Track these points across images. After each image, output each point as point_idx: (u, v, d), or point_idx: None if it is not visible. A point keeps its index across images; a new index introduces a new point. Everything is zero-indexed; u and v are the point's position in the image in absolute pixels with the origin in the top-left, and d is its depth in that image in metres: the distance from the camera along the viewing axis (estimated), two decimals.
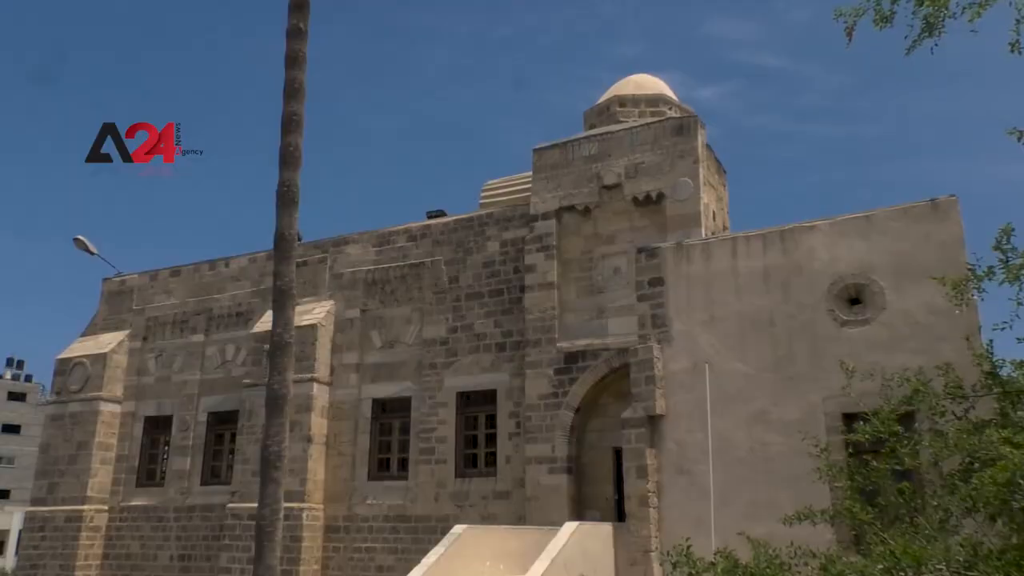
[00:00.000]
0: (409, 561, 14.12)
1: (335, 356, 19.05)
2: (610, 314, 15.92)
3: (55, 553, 20.11)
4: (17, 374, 76.80)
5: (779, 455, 12.77)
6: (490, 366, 17.31)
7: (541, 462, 15.57)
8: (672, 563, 8.64)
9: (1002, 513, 7.47)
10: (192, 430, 20.46)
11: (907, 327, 12.40)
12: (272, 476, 13.11)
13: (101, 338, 22.20)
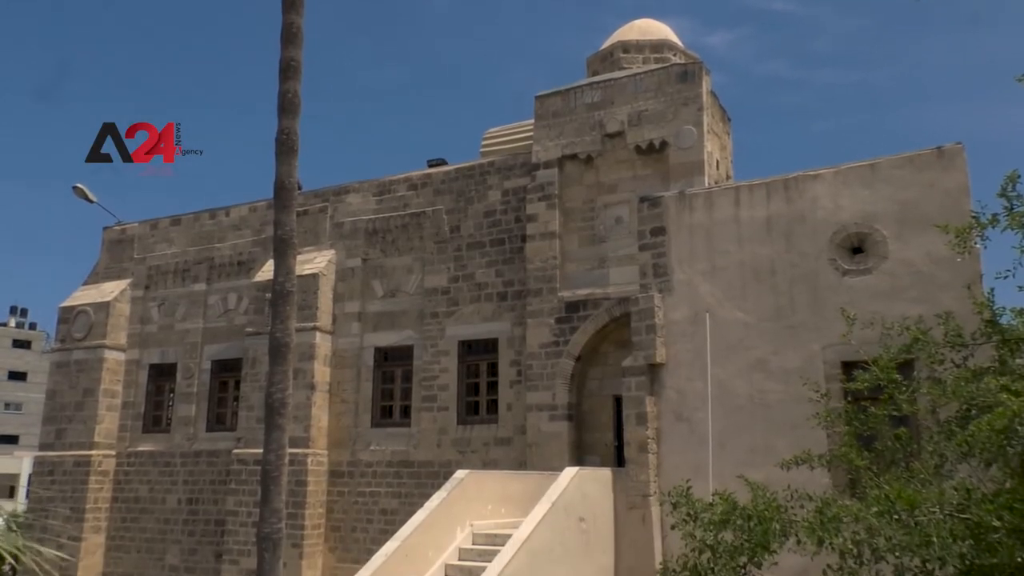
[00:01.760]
0: (412, 505, 14.36)
1: (337, 305, 19.13)
2: (611, 263, 15.93)
3: (65, 496, 20.48)
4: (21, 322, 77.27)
5: (777, 403, 12.91)
6: (491, 315, 17.39)
7: (542, 409, 15.74)
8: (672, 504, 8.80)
9: (997, 459, 7.59)
10: (196, 378, 20.66)
11: (908, 276, 12.41)
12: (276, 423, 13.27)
13: (103, 287, 22.27)
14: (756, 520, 8.18)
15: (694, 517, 8.62)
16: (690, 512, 8.63)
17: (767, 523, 8.10)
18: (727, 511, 8.42)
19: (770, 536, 8.03)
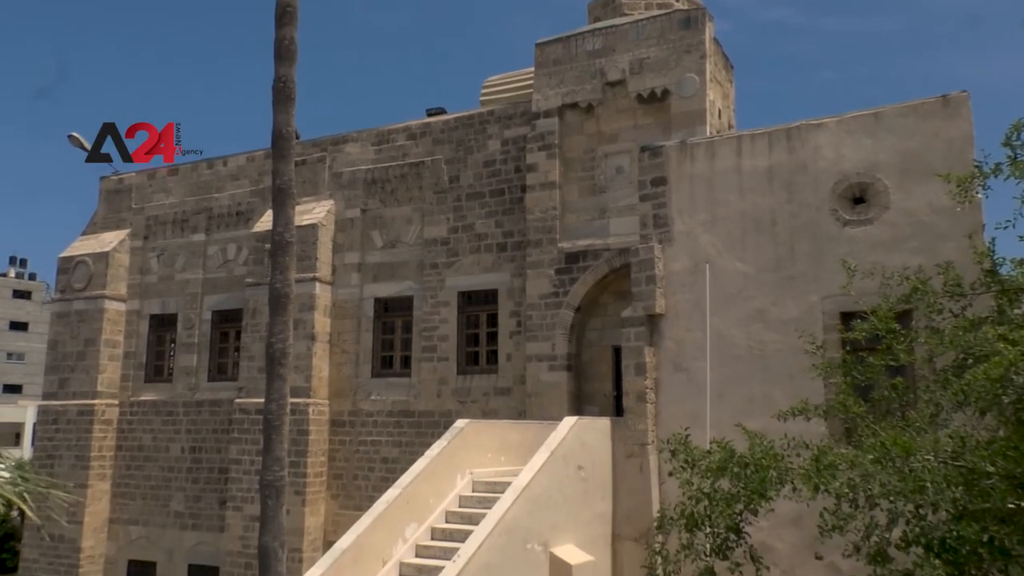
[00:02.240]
0: (413, 453, 14.53)
1: (336, 256, 19.10)
2: (612, 214, 15.85)
3: (70, 445, 20.72)
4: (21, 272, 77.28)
5: (776, 353, 12.98)
6: (491, 266, 17.37)
7: (541, 360, 15.82)
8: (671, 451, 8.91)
9: (991, 407, 7.65)
10: (197, 328, 20.73)
11: (909, 226, 12.38)
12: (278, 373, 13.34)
13: (102, 237, 22.21)
14: (753, 468, 8.29)
15: (692, 464, 8.73)
16: (688, 459, 8.74)
17: (764, 471, 8.21)
18: (725, 458, 8.53)
19: (767, 483, 8.14)
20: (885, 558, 7.97)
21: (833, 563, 11.19)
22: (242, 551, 17.78)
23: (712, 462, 8.62)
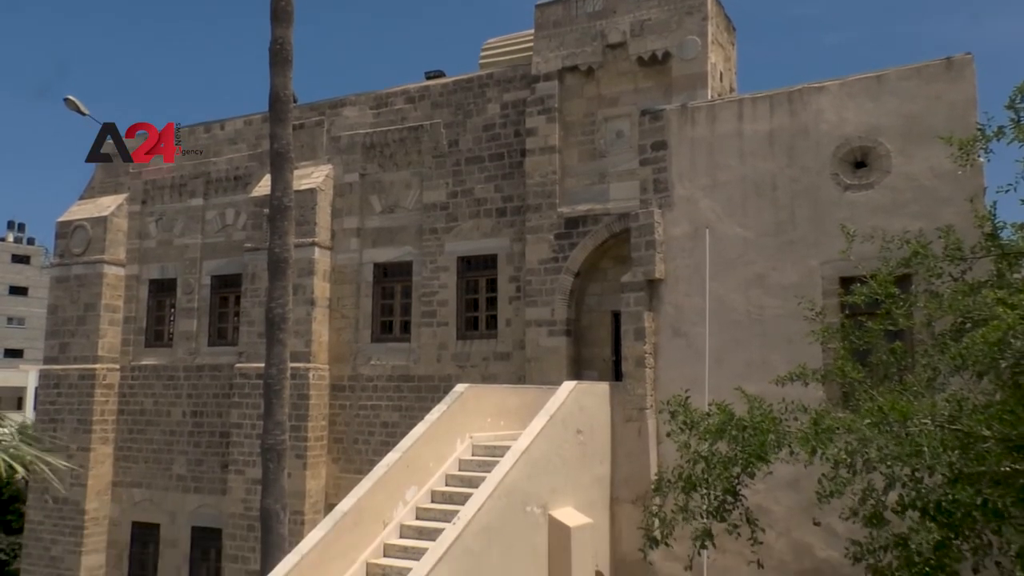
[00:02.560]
0: (413, 418, 14.62)
1: (335, 221, 19.04)
2: (612, 179, 15.77)
3: (72, 408, 20.85)
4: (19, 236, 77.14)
5: (775, 318, 12.99)
6: (490, 231, 17.32)
7: (541, 325, 15.85)
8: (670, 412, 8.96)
9: (989, 371, 7.68)
10: (196, 293, 20.74)
11: (910, 191, 12.32)
12: (278, 337, 13.42)
13: (100, 201, 22.12)
14: (752, 431, 8.34)
15: (690, 426, 8.78)
16: (686, 421, 8.79)
17: (763, 434, 8.26)
18: (724, 421, 8.58)
19: (766, 446, 8.20)
20: (881, 521, 8.06)
21: (829, 525, 11.30)
22: (244, 513, 17.98)
23: (711, 424, 8.67)
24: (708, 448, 8.67)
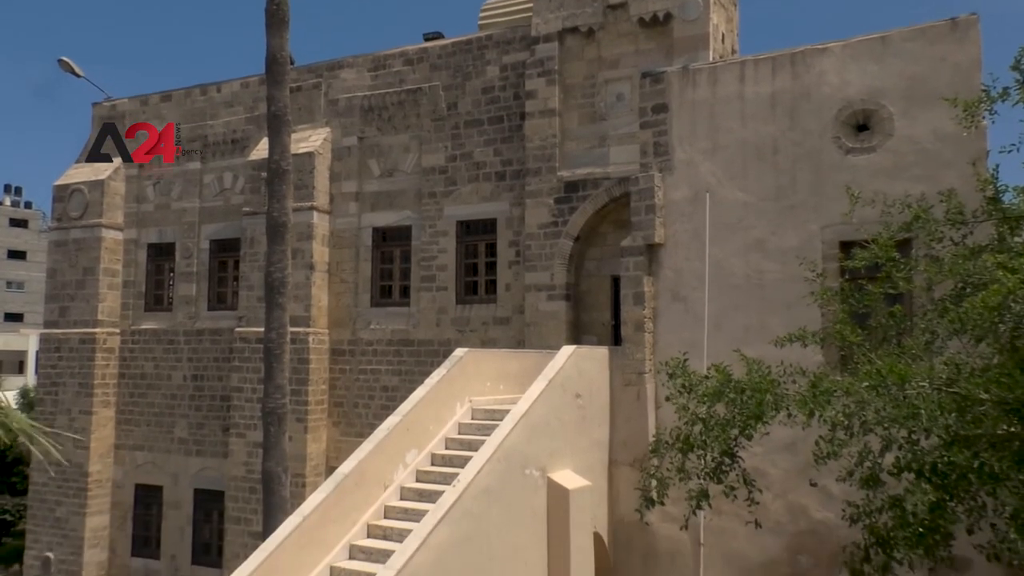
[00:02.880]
0: (413, 382, 14.68)
1: (334, 185, 18.94)
2: (612, 142, 15.65)
3: (73, 372, 20.93)
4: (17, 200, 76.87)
5: (774, 282, 12.99)
6: (490, 195, 17.23)
7: (540, 289, 15.85)
8: (668, 375, 8.99)
9: (988, 335, 7.69)
10: (195, 257, 20.70)
11: (913, 154, 12.24)
12: (277, 302, 13.42)
13: (96, 165, 21.94)
14: (750, 392, 8.38)
15: (689, 389, 8.82)
16: (685, 384, 8.83)
17: (761, 395, 8.30)
18: (722, 382, 8.62)
19: (764, 407, 8.24)
20: (877, 483, 8.13)
21: (825, 487, 11.43)
22: (246, 476, 18.14)
23: (709, 387, 8.71)
24: (706, 411, 8.72)
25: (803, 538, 12.29)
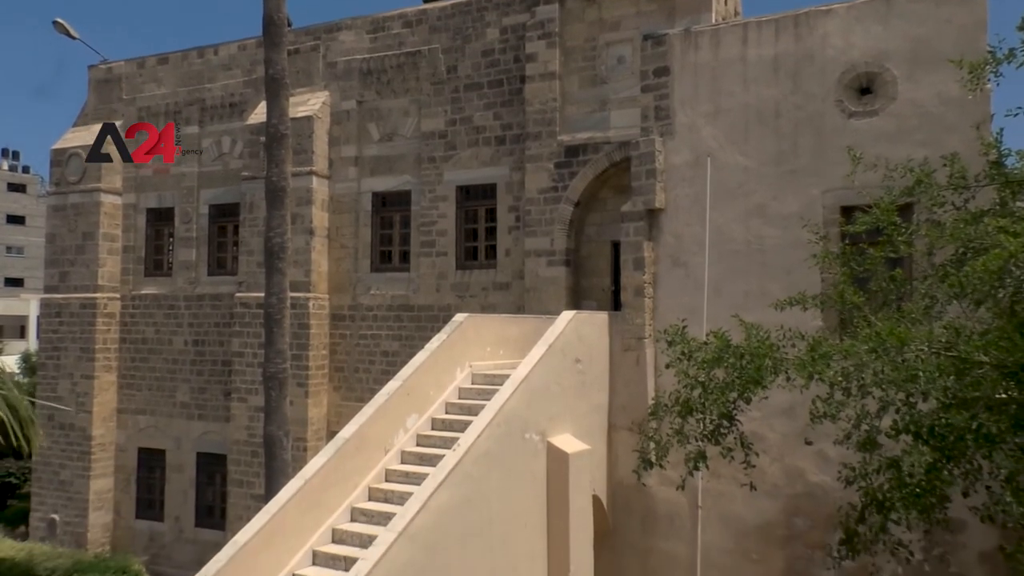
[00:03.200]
0: (413, 347, 14.73)
1: (333, 149, 18.83)
2: (613, 106, 15.52)
3: (74, 337, 20.99)
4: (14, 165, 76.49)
5: (774, 248, 12.97)
6: (490, 160, 17.14)
7: (540, 255, 15.82)
8: (667, 342, 9.02)
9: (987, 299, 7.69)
10: (195, 222, 20.64)
11: (916, 118, 12.15)
12: (277, 267, 13.43)
13: (93, 128, 21.78)
14: (749, 357, 8.40)
15: (688, 355, 8.85)
16: (684, 350, 8.86)
17: (760, 359, 8.33)
18: (721, 348, 8.64)
19: (763, 372, 8.27)
20: (874, 445, 8.19)
21: (822, 450, 11.53)
22: (248, 440, 18.29)
23: (708, 352, 8.74)
24: (706, 375, 8.76)
25: (799, 501, 12.43)
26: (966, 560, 11.28)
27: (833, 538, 9.84)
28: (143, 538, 20.41)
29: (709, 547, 12.99)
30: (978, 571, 11.19)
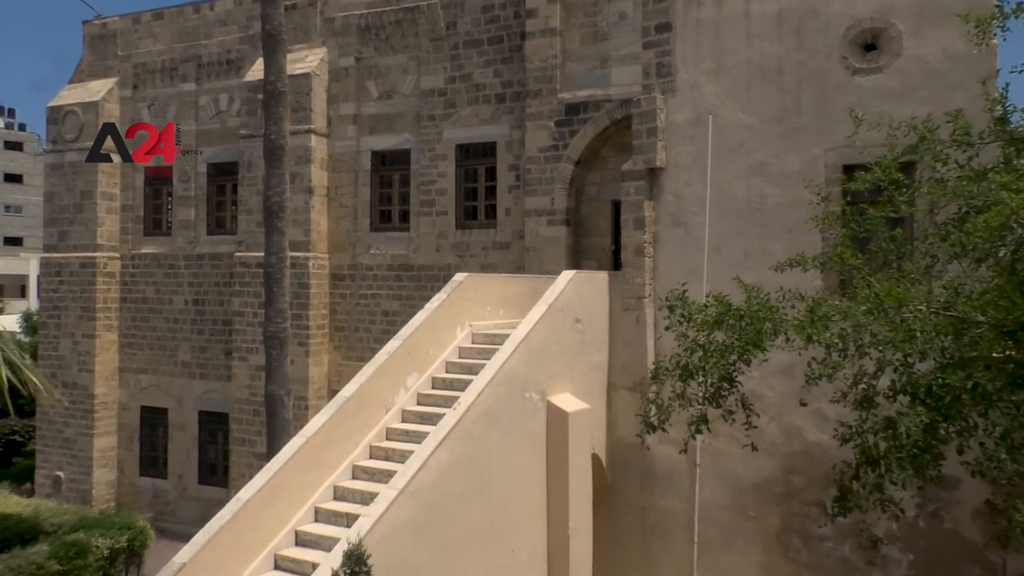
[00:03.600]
0: (413, 307, 14.74)
1: (331, 107, 18.64)
2: (614, 63, 15.32)
3: (75, 296, 21.02)
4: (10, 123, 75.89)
5: (775, 207, 12.91)
6: (489, 118, 16.98)
7: (540, 214, 15.76)
8: (667, 306, 9.02)
9: (988, 257, 7.66)
10: (193, 181, 20.53)
11: (921, 74, 12.00)
12: (276, 226, 13.38)
13: (89, 86, 21.58)
14: (749, 319, 8.41)
15: (688, 319, 8.85)
16: (684, 314, 8.86)
17: (760, 322, 8.33)
18: (721, 312, 8.64)
19: (762, 334, 8.29)
20: (871, 405, 8.23)
21: (819, 409, 11.60)
22: (249, 399, 18.41)
23: (708, 315, 8.74)
24: (706, 337, 8.77)
25: (797, 459, 12.55)
26: (959, 516, 11.43)
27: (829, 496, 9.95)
28: (147, 495, 20.68)
29: (707, 504, 13.15)
30: (971, 526, 11.35)
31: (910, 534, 11.70)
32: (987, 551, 11.06)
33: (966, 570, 11.41)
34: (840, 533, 12.03)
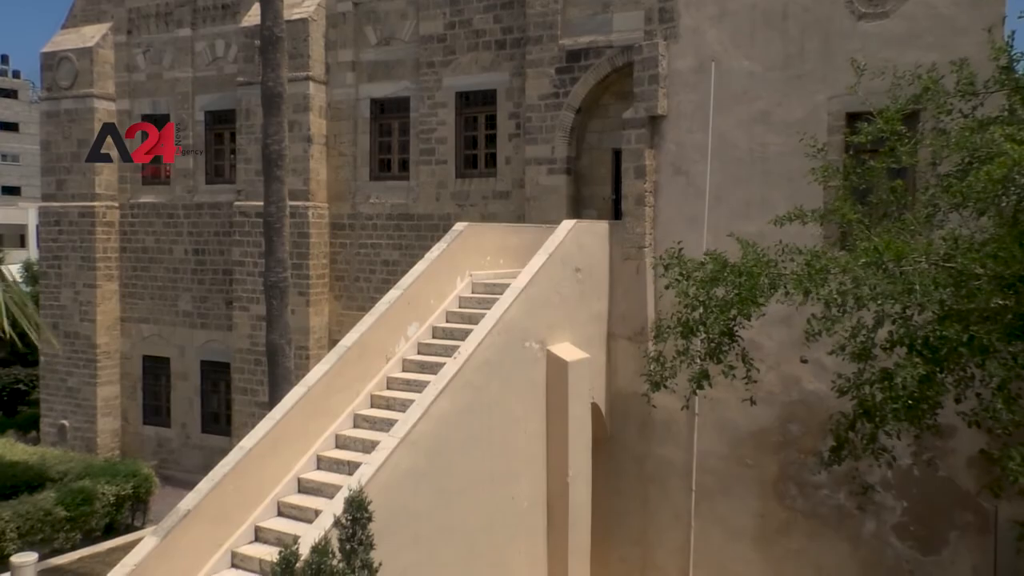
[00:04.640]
0: (413, 256, 14.71)
1: (329, 54, 18.36)
2: (615, 8, 15.04)
3: (74, 246, 21.00)
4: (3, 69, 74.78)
5: (777, 156, 12.80)
6: (489, 65, 16.73)
7: (540, 163, 15.64)
8: (664, 266, 9.01)
9: (989, 208, 7.62)
10: (191, 129, 20.33)
11: (928, 19, 11.78)
12: (275, 175, 13.31)
13: (83, 31, 21.23)
14: (746, 276, 8.40)
15: (686, 276, 8.85)
16: (682, 272, 8.86)
17: (756, 278, 8.33)
18: (717, 269, 8.64)
19: (759, 290, 8.29)
20: (868, 356, 8.27)
21: (818, 359, 11.66)
22: (251, 348, 18.52)
23: (705, 274, 8.74)
24: (705, 294, 8.78)
25: (794, 408, 12.66)
26: (954, 464, 11.58)
27: (826, 444, 10.07)
28: (151, 443, 20.94)
29: (705, 453, 13.31)
30: (965, 475, 11.51)
31: (904, 482, 11.87)
32: (980, 499, 11.23)
33: (958, 517, 11.60)
34: (835, 481, 12.20)
